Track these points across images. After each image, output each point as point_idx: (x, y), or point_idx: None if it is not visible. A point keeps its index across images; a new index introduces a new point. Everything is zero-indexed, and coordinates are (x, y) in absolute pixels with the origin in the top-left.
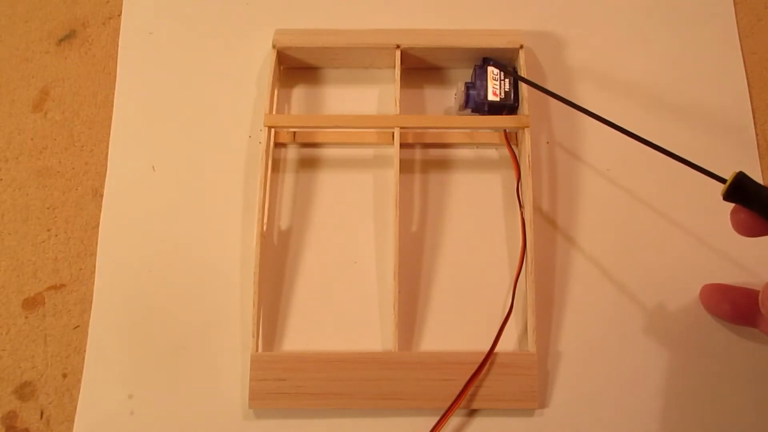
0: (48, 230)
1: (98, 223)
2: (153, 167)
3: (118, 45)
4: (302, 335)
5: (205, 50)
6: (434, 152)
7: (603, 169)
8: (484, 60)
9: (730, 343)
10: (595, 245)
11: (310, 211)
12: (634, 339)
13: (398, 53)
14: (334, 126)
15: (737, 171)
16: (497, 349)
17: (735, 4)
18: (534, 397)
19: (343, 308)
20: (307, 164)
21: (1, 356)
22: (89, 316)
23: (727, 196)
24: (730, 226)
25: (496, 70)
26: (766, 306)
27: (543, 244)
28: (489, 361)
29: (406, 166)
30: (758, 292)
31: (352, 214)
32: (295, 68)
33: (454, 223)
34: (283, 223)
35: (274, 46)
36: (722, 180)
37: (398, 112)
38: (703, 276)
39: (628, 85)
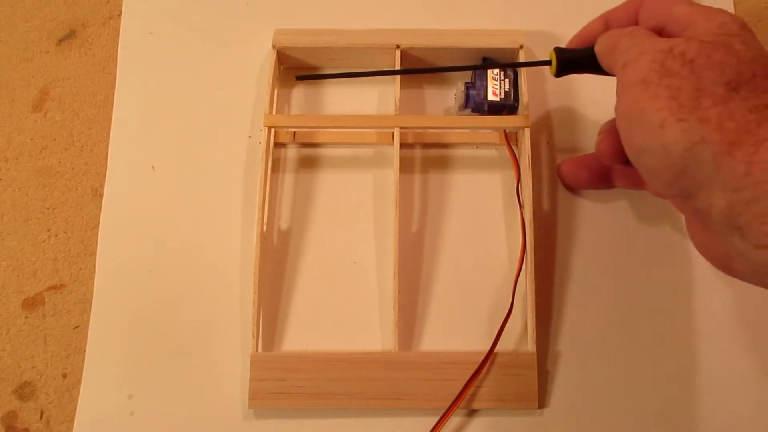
0: (48, 230)
1: (98, 223)
2: (153, 167)
3: (118, 45)
4: (302, 335)
5: (205, 50)
6: (434, 152)
7: None
8: (483, 60)
9: (730, 339)
10: (595, 245)
11: (310, 211)
12: (634, 339)
13: (398, 53)
14: (334, 126)
15: (553, 48)
16: (497, 349)
17: (735, 4)
18: (534, 397)
19: (343, 308)
20: (307, 164)
21: (1, 356)
22: (89, 316)
23: (560, 72)
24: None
25: (496, 70)
26: (599, 149)
27: (543, 244)
28: (489, 361)
29: (406, 166)
30: None
31: (352, 214)
32: (295, 68)
33: (454, 223)
34: (283, 223)
35: (274, 46)
36: (547, 63)
37: (398, 112)
38: (704, 275)
39: None
